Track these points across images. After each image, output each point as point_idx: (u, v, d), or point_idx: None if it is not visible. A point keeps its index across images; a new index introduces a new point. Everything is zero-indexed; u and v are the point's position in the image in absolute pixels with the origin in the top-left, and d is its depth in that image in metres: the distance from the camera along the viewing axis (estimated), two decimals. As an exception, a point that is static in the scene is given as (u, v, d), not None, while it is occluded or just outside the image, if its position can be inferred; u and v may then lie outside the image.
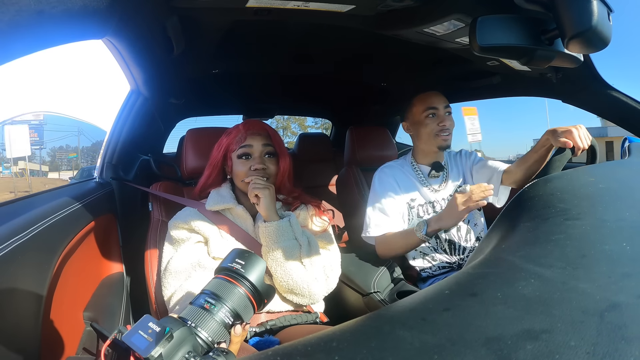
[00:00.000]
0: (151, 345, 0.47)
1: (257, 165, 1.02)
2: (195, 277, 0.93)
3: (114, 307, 1.21)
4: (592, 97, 1.26)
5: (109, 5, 0.64)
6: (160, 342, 0.47)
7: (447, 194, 1.34)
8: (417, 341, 0.23)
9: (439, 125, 1.27)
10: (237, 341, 0.61)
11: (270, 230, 0.95)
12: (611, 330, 0.22)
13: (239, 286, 0.62)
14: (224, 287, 0.61)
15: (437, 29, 1.00)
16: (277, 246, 0.94)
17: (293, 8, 0.96)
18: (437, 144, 1.29)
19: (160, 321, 0.51)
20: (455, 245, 1.31)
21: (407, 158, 1.40)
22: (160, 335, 0.48)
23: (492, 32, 0.69)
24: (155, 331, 0.48)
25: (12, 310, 0.68)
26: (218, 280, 0.62)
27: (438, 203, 1.32)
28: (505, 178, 1.26)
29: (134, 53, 1.07)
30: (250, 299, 0.62)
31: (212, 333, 0.56)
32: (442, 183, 1.35)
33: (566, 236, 0.34)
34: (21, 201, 1.04)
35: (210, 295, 0.60)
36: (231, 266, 0.63)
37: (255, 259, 0.65)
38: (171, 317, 0.55)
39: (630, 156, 0.86)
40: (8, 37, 0.47)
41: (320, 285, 0.98)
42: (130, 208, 1.47)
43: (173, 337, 0.49)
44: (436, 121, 1.28)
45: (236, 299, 0.61)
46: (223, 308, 0.59)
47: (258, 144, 1.05)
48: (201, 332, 0.55)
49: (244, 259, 0.64)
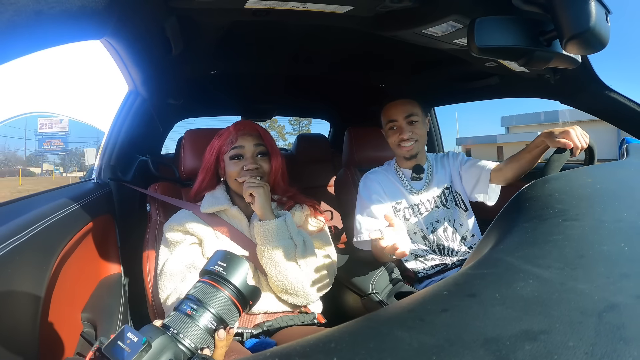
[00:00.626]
0: (129, 356, 0.47)
1: (250, 165, 1.02)
2: (191, 279, 0.93)
3: (112, 308, 1.21)
4: (590, 98, 1.26)
5: (107, 5, 0.64)
6: (137, 353, 0.47)
7: (431, 196, 1.35)
8: (415, 342, 0.23)
9: (399, 137, 1.30)
10: (222, 345, 0.60)
11: (266, 229, 0.95)
12: (609, 331, 0.22)
13: (222, 290, 0.61)
14: (207, 291, 0.60)
15: (436, 30, 1.00)
16: (272, 245, 0.94)
17: (292, 9, 0.96)
18: (401, 155, 1.33)
19: (140, 331, 0.51)
20: (444, 247, 1.32)
21: (391, 163, 1.43)
22: (137, 346, 0.48)
23: (490, 34, 0.69)
24: (133, 341, 0.48)
25: (10, 311, 0.68)
26: (201, 285, 0.61)
27: (423, 205, 1.34)
28: (494, 176, 1.26)
29: (133, 53, 1.07)
30: (235, 302, 0.61)
31: (196, 339, 0.56)
32: (424, 186, 1.36)
33: (564, 237, 0.34)
34: (19, 202, 1.04)
35: (194, 301, 0.59)
36: (213, 269, 0.62)
37: (238, 260, 0.63)
38: (153, 325, 0.55)
39: (628, 157, 0.86)
40: (6, 38, 0.46)
41: (315, 285, 0.98)
42: (129, 209, 1.47)
43: (151, 347, 0.49)
44: (396, 133, 1.31)
45: (219, 303, 0.60)
46: (206, 313, 0.58)
47: (249, 144, 1.05)
48: (184, 340, 0.55)
49: (226, 261, 0.63)
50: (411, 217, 1.32)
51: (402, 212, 1.32)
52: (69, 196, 1.08)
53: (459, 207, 1.36)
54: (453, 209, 1.35)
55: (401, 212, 1.32)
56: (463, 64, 1.39)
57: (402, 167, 1.38)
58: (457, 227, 1.34)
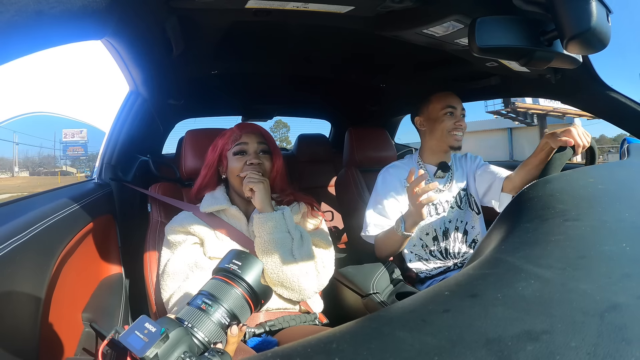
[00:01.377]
0: (147, 346, 0.47)
1: (253, 159, 1.05)
2: (193, 278, 0.94)
3: (112, 308, 1.21)
4: (591, 98, 1.26)
5: (108, 5, 0.64)
6: (155, 343, 0.48)
7: (450, 195, 1.34)
8: (417, 342, 0.23)
9: (455, 124, 1.29)
10: (234, 341, 0.61)
11: (264, 221, 0.97)
12: (611, 331, 0.22)
13: (235, 287, 0.62)
14: (221, 287, 0.61)
15: (437, 30, 1.00)
16: (269, 237, 0.96)
17: (292, 9, 0.96)
18: (449, 143, 1.30)
19: (157, 322, 0.51)
20: (450, 250, 1.31)
21: (413, 157, 1.41)
22: (155, 336, 0.48)
23: (491, 33, 0.69)
24: (151, 332, 0.49)
25: (10, 311, 0.68)
26: (215, 281, 0.63)
27: (441, 205, 1.32)
28: (506, 184, 1.26)
29: (133, 54, 1.07)
30: (247, 299, 0.62)
31: (209, 333, 0.57)
32: (446, 184, 1.35)
33: (566, 237, 0.34)
34: (20, 202, 1.04)
35: (207, 296, 0.60)
36: (228, 267, 0.64)
37: (252, 259, 0.65)
38: (168, 317, 0.56)
39: (630, 157, 0.86)
40: (7, 38, 0.46)
41: (310, 280, 0.99)
42: (129, 209, 1.47)
43: (169, 338, 0.49)
44: (453, 120, 1.30)
45: (233, 299, 0.61)
46: (220, 309, 0.59)
47: (253, 142, 1.08)
48: (197, 333, 0.55)
49: (240, 260, 0.64)
50: (427, 216, 1.30)
51: None
52: (69, 196, 1.08)
53: (472, 209, 1.36)
54: (466, 210, 1.35)
55: None
56: (464, 64, 1.38)
57: (427, 162, 1.37)
58: (468, 229, 1.33)
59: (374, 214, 1.29)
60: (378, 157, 1.73)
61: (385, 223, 1.26)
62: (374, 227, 1.27)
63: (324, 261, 1.04)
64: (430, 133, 1.34)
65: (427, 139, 1.37)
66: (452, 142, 1.30)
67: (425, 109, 1.36)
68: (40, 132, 23.48)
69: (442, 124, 1.30)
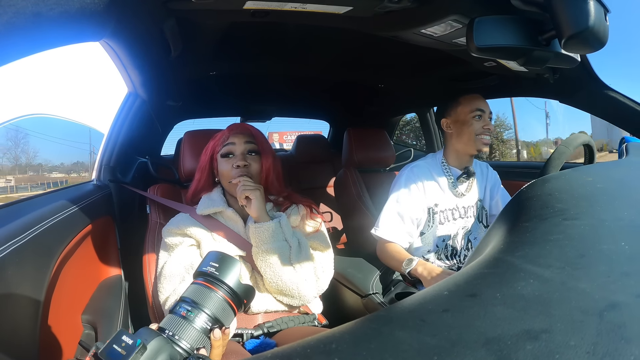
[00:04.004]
0: (124, 358, 0.47)
1: (239, 162, 1.02)
2: (189, 280, 0.93)
3: (112, 310, 1.21)
4: (589, 97, 1.26)
5: (106, 7, 0.64)
6: (132, 355, 0.48)
7: (467, 203, 1.34)
8: (416, 342, 0.23)
9: (483, 127, 1.28)
10: (218, 345, 0.61)
11: (260, 231, 0.96)
12: (611, 330, 0.22)
13: (216, 290, 0.61)
14: (201, 292, 0.61)
15: (435, 30, 1.00)
16: (267, 247, 0.95)
17: (291, 10, 0.96)
18: (476, 146, 1.29)
19: (135, 334, 0.51)
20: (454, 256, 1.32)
21: (437, 157, 1.38)
22: (132, 348, 0.48)
23: (489, 33, 0.69)
24: (128, 344, 0.49)
25: (9, 313, 0.68)
26: (195, 286, 0.62)
27: (457, 210, 1.32)
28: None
29: (132, 55, 1.07)
30: (229, 302, 0.62)
31: (191, 340, 0.56)
32: (467, 188, 1.34)
33: (565, 236, 0.34)
34: (19, 204, 1.04)
35: (189, 303, 0.60)
36: (206, 270, 0.63)
37: (230, 260, 0.64)
38: (148, 328, 0.55)
39: (628, 156, 0.86)
40: (5, 39, 0.46)
41: (310, 286, 0.98)
42: (128, 210, 1.47)
43: (146, 349, 0.49)
44: (481, 123, 1.28)
45: (214, 303, 0.60)
46: (201, 314, 0.59)
47: (240, 142, 1.06)
48: (180, 341, 0.55)
49: (218, 262, 0.63)
50: (445, 222, 1.30)
51: (438, 216, 1.29)
52: (68, 198, 1.08)
53: (480, 222, 1.36)
54: (476, 222, 1.35)
55: (437, 214, 1.29)
56: (462, 63, 1.39)
57: (451, 164, 1.35)
58: (472, 240, 1.34)
59: (390, 216, 1.27)
60: (377, 157, 1.73)
61: (398, 229, 1.25)
62: (386, 231, 1.26)
63: (324, 265, 1.03)
64: (457, 136, 1.32)
65: (453, 142, 1.34)
66: (480, 146, 1.28)
67: (453, 111, 1.33)
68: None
69: (470, 127, 1.28)
